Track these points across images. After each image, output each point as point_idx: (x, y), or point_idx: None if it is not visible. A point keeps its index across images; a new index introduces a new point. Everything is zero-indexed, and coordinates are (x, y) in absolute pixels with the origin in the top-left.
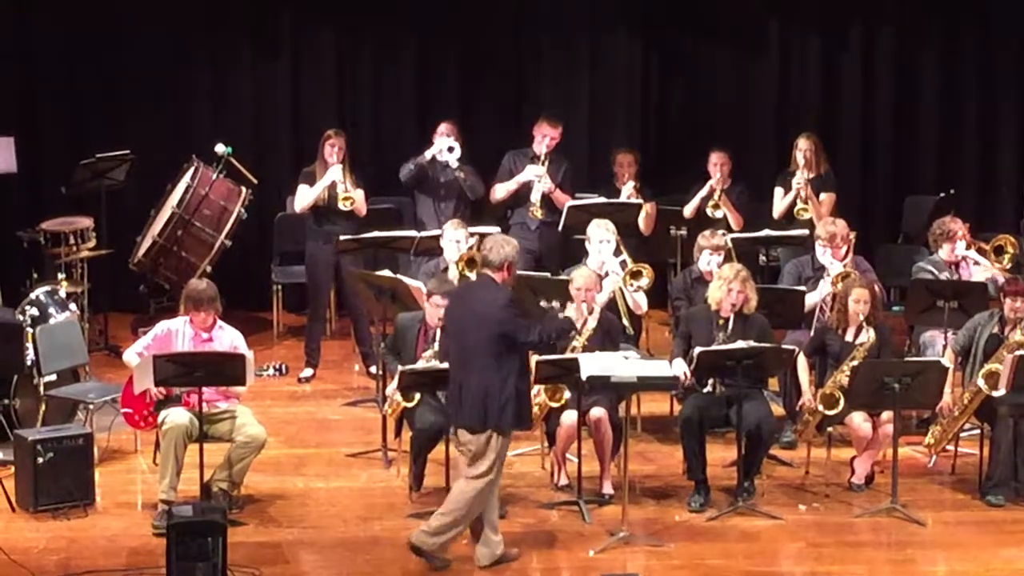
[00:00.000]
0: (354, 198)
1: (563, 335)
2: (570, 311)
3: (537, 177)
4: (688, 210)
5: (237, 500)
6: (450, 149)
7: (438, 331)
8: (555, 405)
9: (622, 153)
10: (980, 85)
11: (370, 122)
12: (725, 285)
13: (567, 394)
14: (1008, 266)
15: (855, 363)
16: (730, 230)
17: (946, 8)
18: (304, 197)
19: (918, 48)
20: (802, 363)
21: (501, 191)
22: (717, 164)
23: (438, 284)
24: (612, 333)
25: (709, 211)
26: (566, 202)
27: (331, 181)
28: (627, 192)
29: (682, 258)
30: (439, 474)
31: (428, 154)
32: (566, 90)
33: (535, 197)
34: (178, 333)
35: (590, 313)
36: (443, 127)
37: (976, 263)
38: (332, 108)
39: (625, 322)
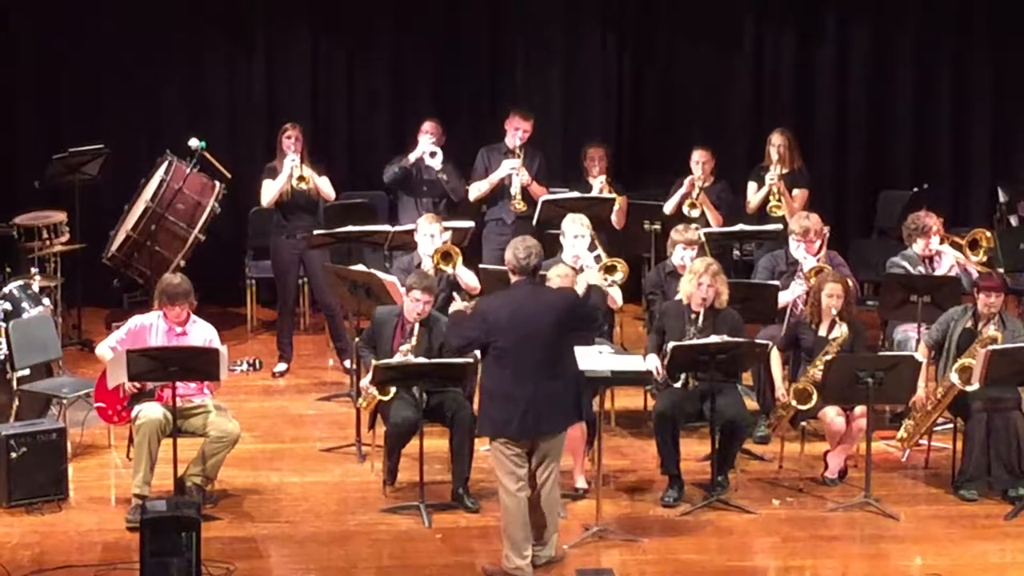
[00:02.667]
0: (308, 178)
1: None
2: None
3: (514, 171)
4: (668, 207)
5: (211, 495)
6: (432, 155)
7: (416, 326)
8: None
9: (592, 147)
10: (954, 80)
11: (344, 118)
12: (695, 279)
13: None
14: (983, 260)
15: (828, 358)
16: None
17: (920, 4)
18: (268, 192)
19: (892, 44)
20: (775, 358)
21: (477, 189)
22: (700, 162)
23: (418, 279)
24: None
25: (686, 209)
26: (541, 195)
27: (289, 173)
28: (598, 187)
29: (656, 252)
30: (413, 469)
31: (412, 157)
32: (540, 87)
33: (515, 190)
34: (152, 327)
35: None
36: (427, 125)
37: (954, 261)
38: (306, 103)
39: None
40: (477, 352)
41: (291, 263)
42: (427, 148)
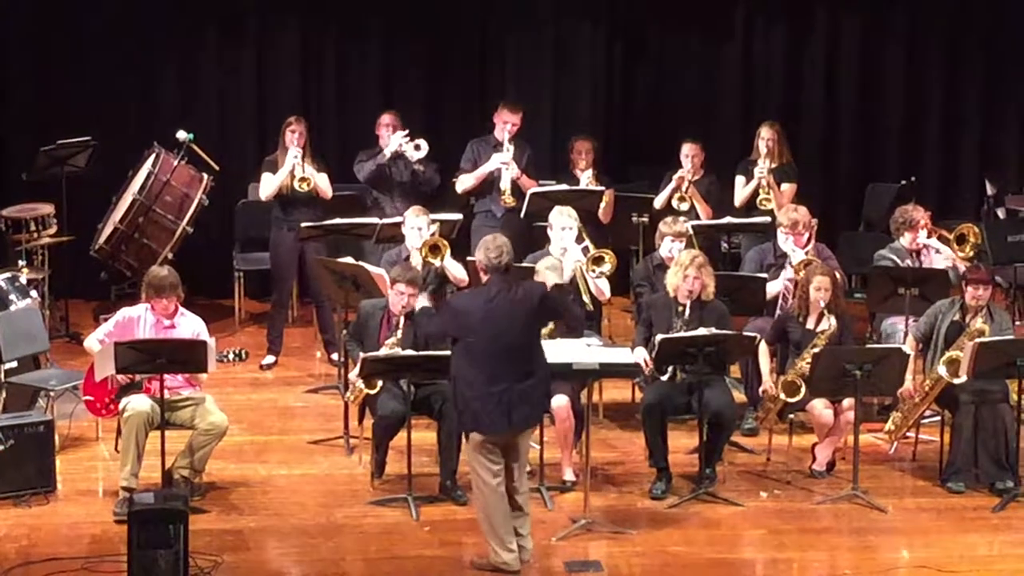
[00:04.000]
0: (310, 179)
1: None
2: None
3: (504, 164)
4: (659, 202)
5: (199, 487)
6: (417, 147)
7: (401, 319)
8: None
9: (579, 140)
10: (943, 74)
11: (334, 110)
12: (681, 271)
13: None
14: (970, 255)
15: (816, 350)
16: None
17: None
18: (268, 185)
19: (882, 37)
20: (763, 350)
21: (467, 181)
22: (689, 155)
23: (402, 272)
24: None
25: (675, 203)
26: (531, 188)
27: (291, 167)
28: (585, 180)
29: (644, 245)
30: (401, 462)
31: (388, 152)
32: (531, 79)
33: (504, 184)
34: (140, 320)
35: None
36: (388, 119)
37: (937, 251)
38: (296, 96)
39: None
40: None
41: (291, 256)
42: (400, 140)
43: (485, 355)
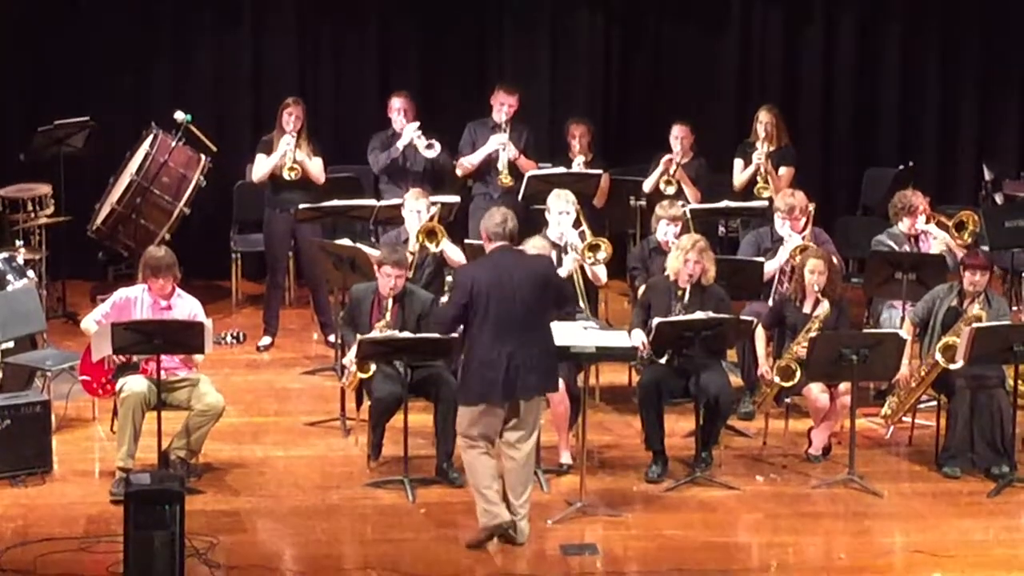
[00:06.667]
0: (298, 168)
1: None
2: None
3: (501, 146)
4: (648, 185)
5: (195, 468)
6: (429, 146)
7: (390, 301)
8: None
9: (575, 123)
10: (941, 58)
11: (331, 91)
12: (682, 255)
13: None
14: (968, 241)
15: (812, 335)
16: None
17: None
18: (260, 167)
19: (880, 21)
20: (760, 334)
21: (466, 164)
22: (678, 137)
23: (388, 253)
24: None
25: (661, 185)
26: (530, 169)
27: (283, 153)
28: (578, 164)
29: (641, 229)
30: (397, 443)
31: (400, 145)
32: (528, 63)
33: (502, 165)
34: (137, 301)
35: None
36: (400, 102)
37: (935, 238)
38: (293, 77)
39: (580, 299)
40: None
41: (283, 237)
42: (413, 133)
43: (492, 319)
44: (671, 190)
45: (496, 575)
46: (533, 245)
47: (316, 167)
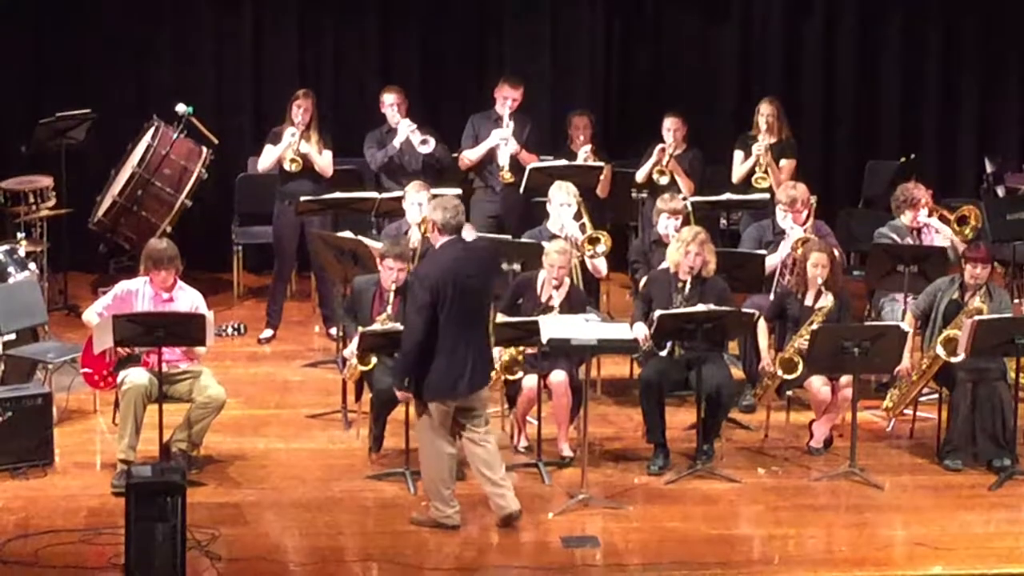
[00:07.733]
0: (299, 161)
1: None
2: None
3: (503, 140)
4: (640, 175)
5: (196, 461)
6: (424, 142)
7: (392, 294)
8: (511, 378)
9: (577, 116)
10: (942, 50)
11: (332, 83)
12: (683, 247)
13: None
14: (970, 236)
15: (814, 327)
16: None
17: None
18: (266, 158)
19: (881, 13)
20: (761, 327)
21: (467, 157)
22: (671, 129)
23: (390, 246)
24: (576, 309)
25: (655, 176)
26: (531, 163)
27: (287, 144)
28: (583, 156)
29: (643, 221)
30: (399, 436)
31: (397, 143)
32: (529, 55)
33: (503, 160)
34: (138, 293)
35: (557, 288)
36: (391, 97)
37: (938, 231)
38: (294, 69)
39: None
40: None
41: (292, 230)
42: (408, 130)
43: (455, 313)
44: (664, 180)
45: (497, 567)
46: (555, 249)
47: (324, 160)
